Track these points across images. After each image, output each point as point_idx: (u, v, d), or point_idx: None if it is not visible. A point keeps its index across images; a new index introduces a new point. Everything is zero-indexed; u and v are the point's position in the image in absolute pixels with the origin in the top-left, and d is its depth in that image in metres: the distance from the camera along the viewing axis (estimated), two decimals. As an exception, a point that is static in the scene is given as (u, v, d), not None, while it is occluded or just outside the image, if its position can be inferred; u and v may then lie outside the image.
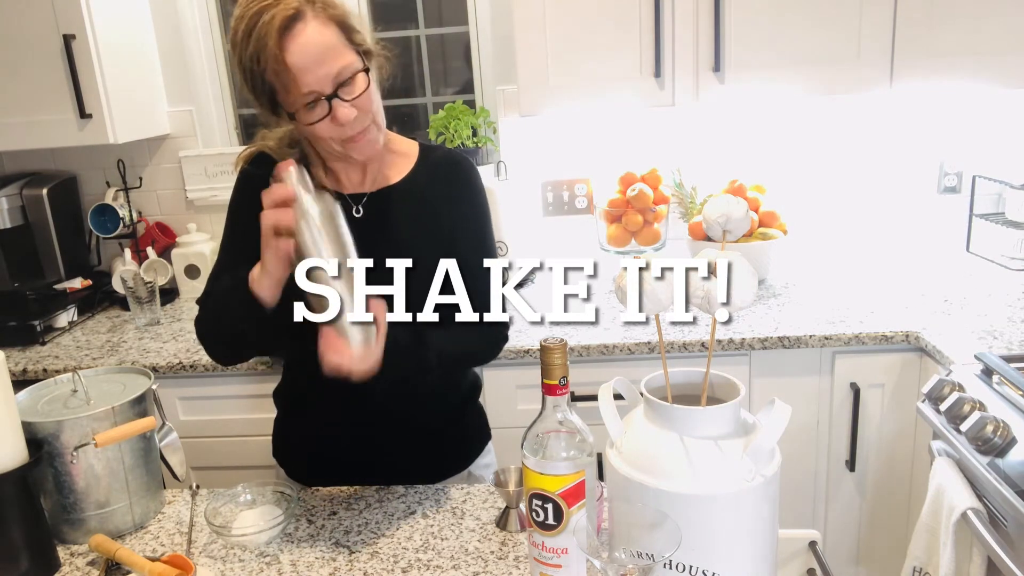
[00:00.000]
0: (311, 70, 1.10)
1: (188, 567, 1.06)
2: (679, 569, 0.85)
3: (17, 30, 2.08)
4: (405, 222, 1.29)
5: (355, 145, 1.18)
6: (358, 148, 1.19)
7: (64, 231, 2.43)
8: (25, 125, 2.17)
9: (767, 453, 0.85)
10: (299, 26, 1.09)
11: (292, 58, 1.09)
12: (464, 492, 1.29)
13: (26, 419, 1.14)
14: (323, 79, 1.11)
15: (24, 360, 2.04)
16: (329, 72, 1.11)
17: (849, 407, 1.90)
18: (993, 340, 1.76)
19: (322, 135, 1.16)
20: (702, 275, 0.86)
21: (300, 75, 1.09)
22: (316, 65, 1.10)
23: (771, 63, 2.02)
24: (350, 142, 1.18)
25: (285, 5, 1.09)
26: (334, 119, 1.14)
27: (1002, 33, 1.93)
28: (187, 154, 2.51)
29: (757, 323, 1.93)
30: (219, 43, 2.55)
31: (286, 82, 1.10)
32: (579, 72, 2.05)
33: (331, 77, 1.12)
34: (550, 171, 2.47)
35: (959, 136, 2.38)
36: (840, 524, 2.00)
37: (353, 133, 1.16)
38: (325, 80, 1.11)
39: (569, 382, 0.91)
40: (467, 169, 1.34)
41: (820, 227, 2.47)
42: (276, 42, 1.08)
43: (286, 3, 1.09)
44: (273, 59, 1.08)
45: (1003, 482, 1.33)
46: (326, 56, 1.11)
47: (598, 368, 1.91)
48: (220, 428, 2.04)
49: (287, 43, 1.09)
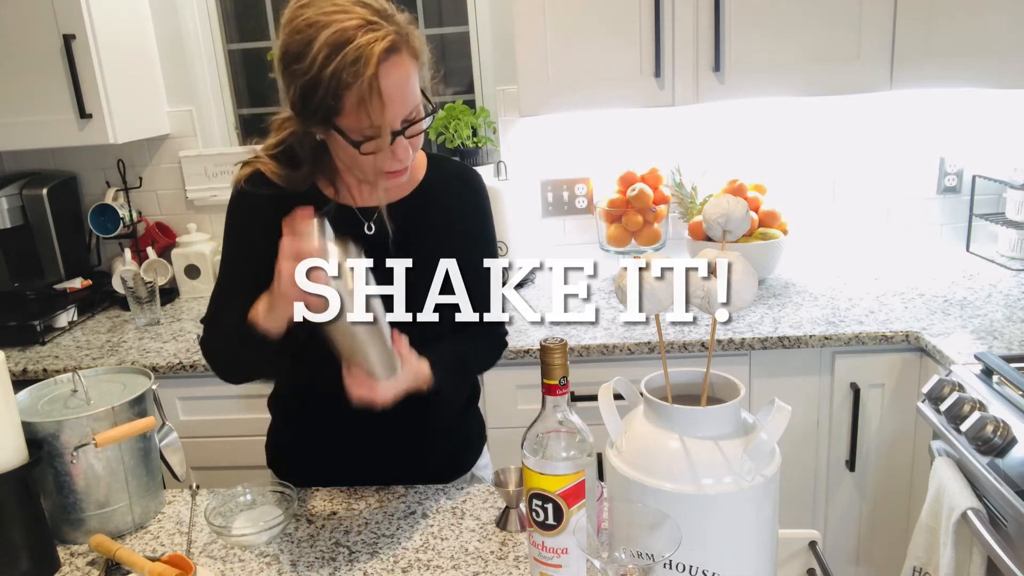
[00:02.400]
0: (396, 105, 1.09)
1: (188, 567, 1.06)
2: (679, 569, 0.85)
3: (17, 30, 2.08)
4: (414, 238, 1.28)
5: (393, 178, 1.18)
6: (393, 181, 1.19)
7: (64, 231, 2.43)
8: (25, 125, 2.17)
9: (767, 453, 0.85)
10: (396, 58, 1.07)
11: (387, 89, 1.06)
12: (464, 492, 1.29)
13: (26, 419, 1.14)
14: (399, 116, 1.11)
15: (24, 360, 2.04)
16: (406, 110, 1.11)
17: (849, 407, 1.90)
18: (993, 340, 1.76)
19: (366, 163, 1.14)
20: (702, 275, 0.87)
21: (387, 107, 1.07)
22: (400, 101, 1.09)
23: (771, 63, 2.02)
24: (390, 175, 1.17)
25: (385, 32, 1.06)
26: (393, 155, 1.13)
27: (1002, 33, 1.93)
28: (187, 154, 2.51)
29: (757, 323, 1.93)
30: (219, 43, 2.55)
31: (366, 109, 1.07)
32: (579, 72, 2.05)
33: (405, 115, 1.11)
34: (550, 171, 2.47)
35: (959, 136, 2.38)
36: (840, 524, 2.00)
37: (400, 168, 1.17)
38: (400, 117, 1.11)
39: (569, 382, 0.91)
40: (476, 185, 1.35)
41: (820, 227, 2.47)
42: (375, 69, 1.04)
43: (386, 30, 1.07)
44: (367, 84, 1.05)
45: (1003, 482, 1.33)
46: (408, 93, 1.11)
47: (598, 368, 1.91)
48: (220, 428, 2.04)
49: (384, 72, 1.05)
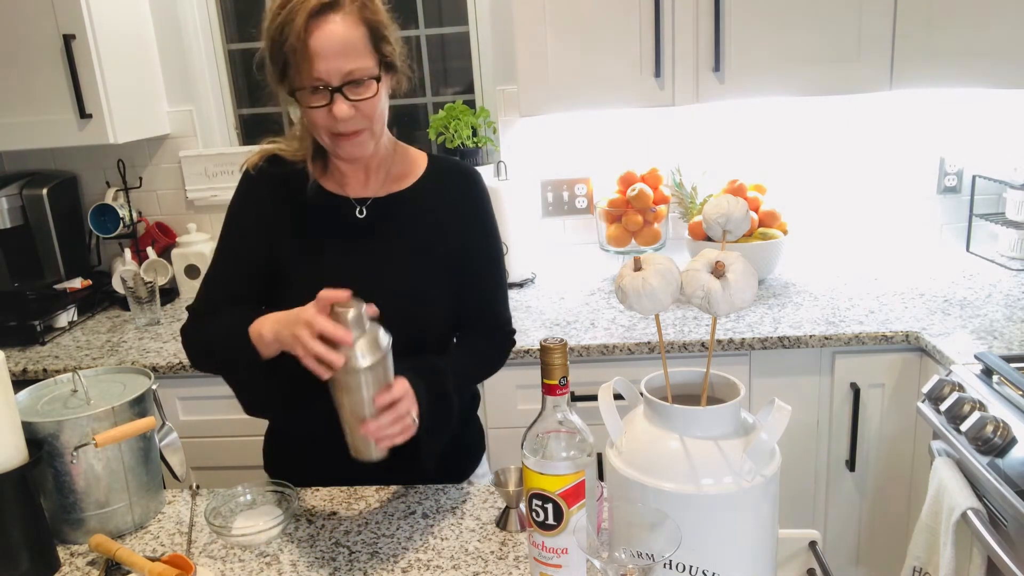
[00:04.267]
0: (326, 59, 1.13)
1: (188, 567, 1.06)
2: (679, 569, 0.85)
3: (17, 30, 2.08)
4: (407, 230, 1.30)
5: (342, 143, 1.21)
6: (344, 147, 1.22)
7: (64, 231, 2.42)
8: (25, 125, 2.17)
9: (767, 453, 0.85)
10: (331, 15, 1.13)
11: (313, 42, 1.12)
12: (464, 492, 1.29)
13: (26, 419, 1.14)
14: (333, 71, 1.14)
15: (24, 360, 2.04)
16: (341, 67, 1.14)
17: (849, 407, 1.90)
18: (993, 340, 1.76)
19: (316, 122, 1.19)
20: (702, 275, 0.87)
21: (314, 60, 1.12)
22: (333, 56, 1.13)
23: (771, 63, 2.02)
24: (339, 138, 1.20)
25: None
26: (330, 112, 1.16)
27: (1002, 33, 1.93)
28: (187, 154, 2.51)
29: (757, 323, 1.93)
30: (219, 43, 2.55)
31: (299, 62, 1.13)
32: (579, 72, 2.05)
33: (342, 72, 1.14)
34: (550, 171, 2.47)
35: (959, 136, 2.38)
36: (840, 524, 2.00)
37: (345, 131, 1.19)
38: (335, 73, 1.14)
39: (569, 382, 0.91)
40: (476, 183, 1.35)
41: (820, 227, 2.47)
42: (303, 22, 1.11)
43: None
44: (295, 36, 1.11)
45: (1003, 482, 1.33)
46: (345, 51, 1.14)
47: (598, 368, 1.91)
48: (220, 428, 2.04)
49: (313, 27, 1.12)
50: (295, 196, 1.28)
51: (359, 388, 1.05)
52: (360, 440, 1.08)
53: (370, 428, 1.06)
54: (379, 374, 1.05)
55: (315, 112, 1.17)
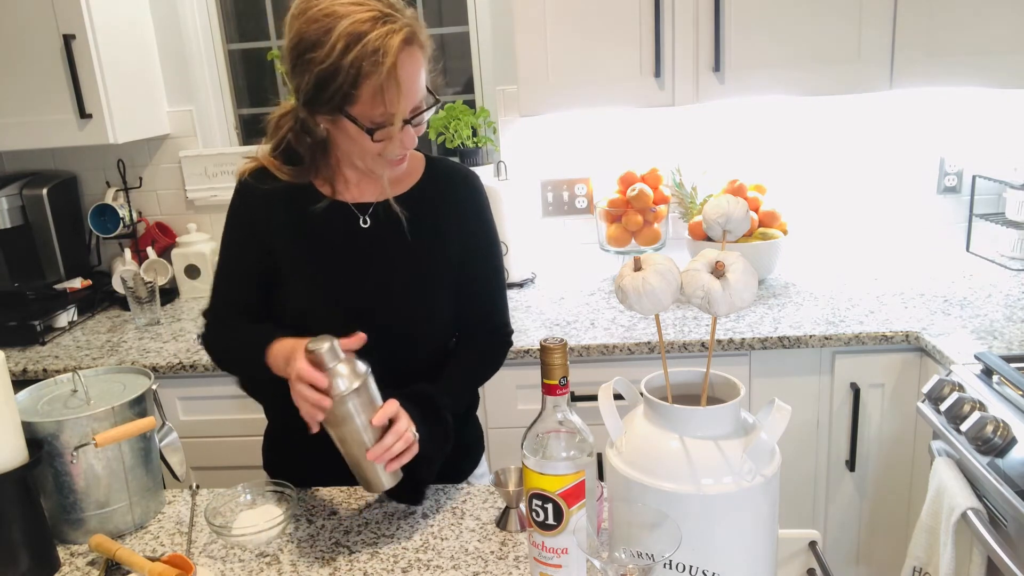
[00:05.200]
0: (411, 93, 1.14)
1: (188, 567, 1.06)
2: (679, 569, 0.85)
3: (17, 30, 2.08)
4: (410, 235, 1.29)
5: (395, 167, 1.23)
6: (394, 168, 1.24)
7: (64, 231, 2.43)
8: (25, 125, 2.17)
9: (767, 453, 0.85)
10: (411, 50, 1.12)
11: (403, 79, 1.11)
12: (464, 492, 1.29)
13: (26, 419, 1.14)
14: (411, 105, 1.15)
15: (24, 360, 2.04)
16: (417, 100, 1.16)
17: (849, 407, 1.90)
18: (993, 340, 1.76)
19: (373, 151, 1.18)
20: (702, 275, 0.87)
21: (404, 95, 1.12)
22: (415, 90, 1.15)
23: (771, 63, 2.02)
24: (393, 162, 1.22)
25: (401, 25, 1.10)
26: (401, 143, 1.18)
27: (1002, 33, 1.93)
28: (187, 154, 2.51)
29: (757, 323, 1.93)
30: (219, 43, 2.55)
31: (382, 98, 1.11)
32: (579, 72, 2.05)
33: (415, 105, 1.16)
34: (550, 171, 2.47)
35: (959, 136, 2.38)
36: (840, 524, 2.00)
37: (403, 157, 1.22)
38: (411, 106, 1.16)
39: (569, 382, 0.91)
40: (476, 186, 1.36)
41: (820, 227, 2.47)
42: (395, 58, 1.09)
43: (401, 23, 1.11)
44: (387, 74, 1.09)
45: (1003, 482, 1.33)
46: (420, 84, 1.16)
47: (598, 368, 1.91)
48: (220, 428, 2.04)
49: (401, 62, 1.10)
50: (293, 205, 1.28)
51: (350, 416, 1.08)
52: (369, 470, 1.11)
53: (375, 452, 1.08)
54: (365, 398, 1.08)
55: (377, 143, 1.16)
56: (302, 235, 1.28)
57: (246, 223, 1.30)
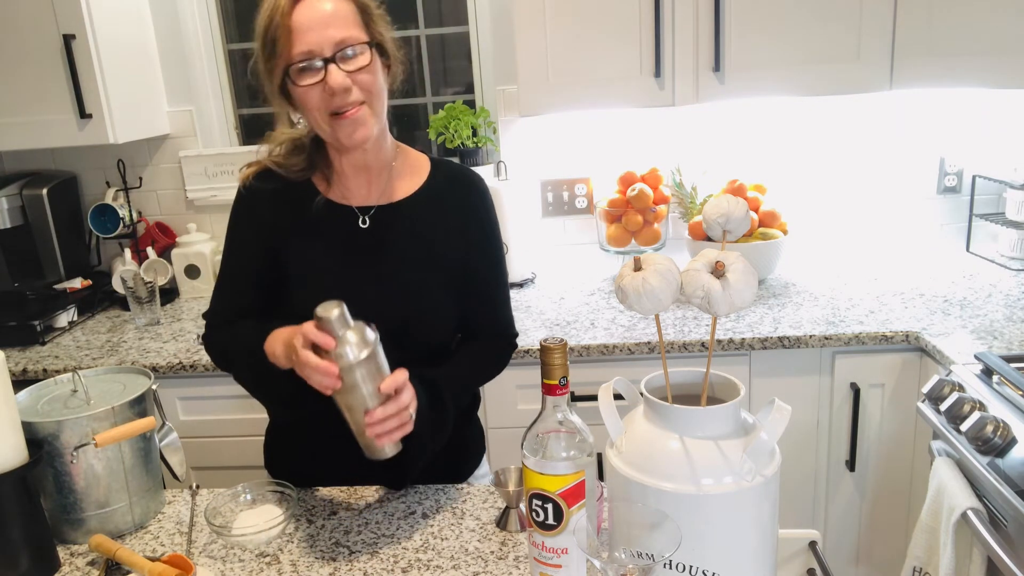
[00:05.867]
0: (313, 30, 1.12)
1: (188, 567, 1.06)
2: (679, 569, 0.85)
3: (17, 30, 2.08)
4: (411, 237, 1.29)
5: (342, 122, 1.16)
6: (344, 127, 1.17)
7: (64, 231, 2.43)
8: (25, 125, 2.17)
9: (767, 453, 0.85)
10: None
11: (298, 16, 1.12)
12: (464, 492, 1.29)
13: (26, 419, 1.14)
14: (324, 41, 1.12)
15: (24, 360, 2.04)
16: (332, 36, 1.12)
17: (849, 407, 1.90)
18: (993, 340, 1.76)
19: (311, 105, 1.16)
20: (702, 275, 0.87)
21: (301, 32, 1.11)
22: (320, 27, 1.12)
23: (771, 63, 2.02)
24: (338, 118, 1.16)
25: None
26: (325, 85, 1.13)
27: (1002, 33, 1.93)
28: (187, 154, 2.51)
29: (757, 323, 1.93)
30: (219, 43, 2.55)
31: (285, 40, 1.12)
32: (579, 72, 2.05)
33: (333, 42, 1.13)
34: (550, 171, 2.47)
35: (959, 136, 2.38)
36: (840, 524, 2.00)
37: (343, 106, 1.15)
38: (326, 43, 1.12)
39: (569, 382, 0.91)
40: (481, 190, 1.34)
41: (820, 227, 2.47)
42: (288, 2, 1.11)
43: None
44: (281, 13, 1.11)
45: (1003, 482, 1.33)
46: (333, 22, 1.13)
47: (598, 368, 1.91)
48: (220, 428, 2.04)
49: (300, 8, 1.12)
50: (294, 207, 1.28)
51: (357, 384, 1.05)
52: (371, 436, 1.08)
53: (375, 415, 1.05)
54: (372, 368, 1.06)
55: (309, 92, 1.14)
56: (304, 235, 1.28)
57: (250, 224, 1.30)
